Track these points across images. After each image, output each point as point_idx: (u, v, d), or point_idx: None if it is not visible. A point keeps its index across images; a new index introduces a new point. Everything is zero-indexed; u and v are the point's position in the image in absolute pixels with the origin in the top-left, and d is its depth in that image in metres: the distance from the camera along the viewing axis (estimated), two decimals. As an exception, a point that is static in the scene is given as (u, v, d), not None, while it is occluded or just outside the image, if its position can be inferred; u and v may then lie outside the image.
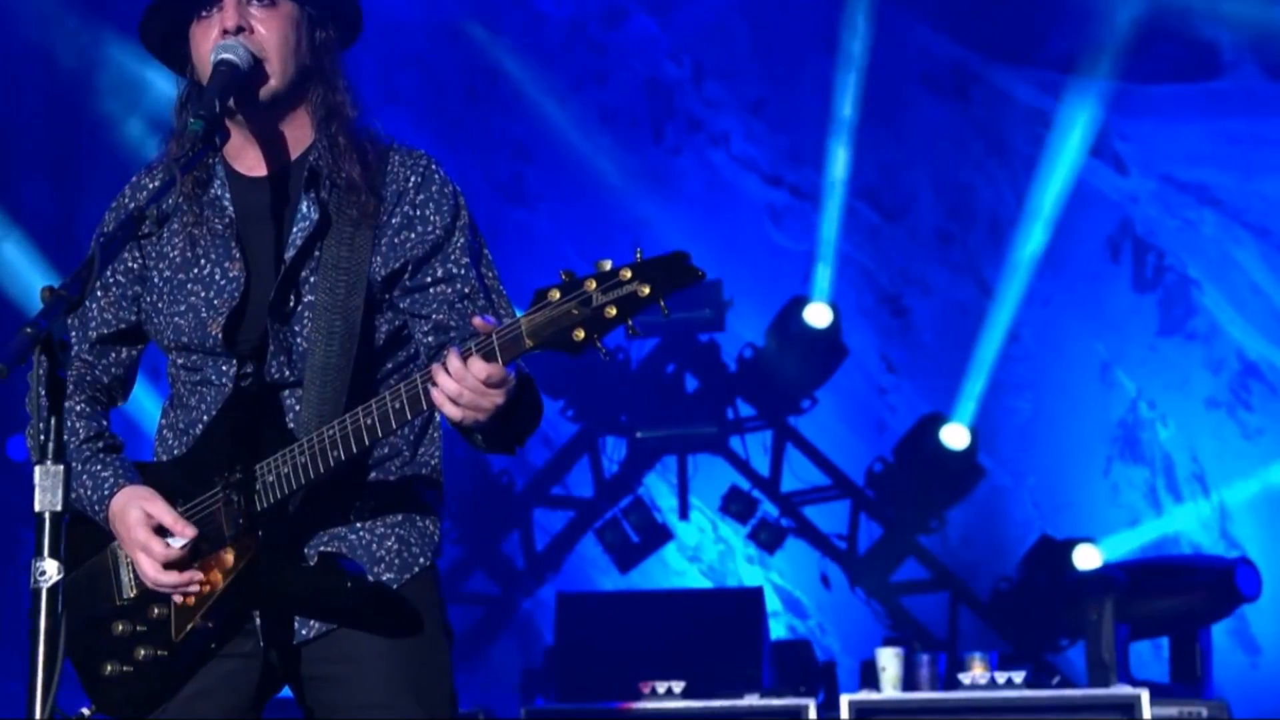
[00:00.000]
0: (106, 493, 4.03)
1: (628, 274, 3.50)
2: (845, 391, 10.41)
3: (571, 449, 10.46)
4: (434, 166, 4.10)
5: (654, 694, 7.68)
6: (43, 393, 3.38)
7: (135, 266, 4.16)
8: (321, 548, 4.01)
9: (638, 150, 10.94)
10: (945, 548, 10.31)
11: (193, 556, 3.93)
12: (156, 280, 4.12)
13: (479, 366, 3.63)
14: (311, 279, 4.00)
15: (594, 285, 3.52)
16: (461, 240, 4.06)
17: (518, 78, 11.01)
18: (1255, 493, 10.14)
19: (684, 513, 10.31)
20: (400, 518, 4.08)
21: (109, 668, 4.03)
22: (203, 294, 4.05)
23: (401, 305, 4.05)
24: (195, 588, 3.93)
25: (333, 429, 3.83)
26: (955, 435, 9.99)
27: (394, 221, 4.03)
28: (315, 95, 4.07)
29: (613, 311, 3.51)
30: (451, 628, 4.16)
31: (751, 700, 7.69)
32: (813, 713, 7.62)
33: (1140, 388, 10.44)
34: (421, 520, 4.12)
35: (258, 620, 4.01)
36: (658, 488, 10.51)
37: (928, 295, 10.69)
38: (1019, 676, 7.59)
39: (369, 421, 3.79)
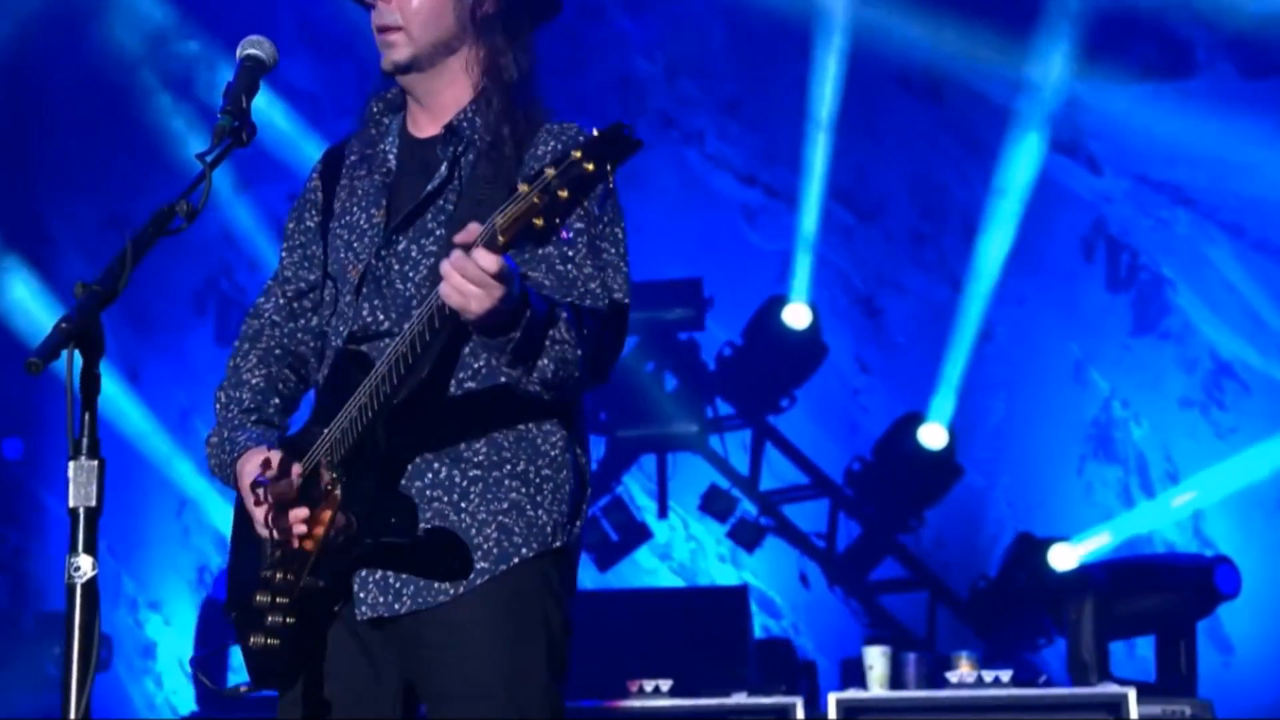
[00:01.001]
0: (235, 455, 4.07)
1: (578, 154, 3.50)
2: (820, 392, 10.41)
3: (551, 447, 10.40)
4: (582, 138, 4.09)
5: (642, 692, 7.66)
6: (76, 388, 3.38)
7: (313, 225, 4.27)
8: (424, 525, 3.99)
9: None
10: (922, 547, 10.32)
11: (296, 503, 3.93)
12: (311, 224, 4.27)
13: (483, 256, 3.57)
14: (438, 232, 4.04)
15: (553, 171, 3.51)
16: (584, 208, 4.05)
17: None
18: (1228, 492, 10.15)
19: (663, 511, 10.29)
20: (506, 505, 4.01)
21: (253, 639, 4.01)
22: (346, 237, 4.16)
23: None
24: (302, 528, 3.90)
25: (383, 363, 3.84)
26: (933, 435, 10.00)
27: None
28: (471, 58, 4.14)
29: (565, 193, 3.49)
30: (565, 623, 4.06)
31: (739, 699, 7.66)
32: (800, 711, 7.59)
33: (1114, 387, 10.46)
34: (533, 510, 4.03)
35: (356, 588, 4.00)
36: (637, 486, 10.49)
37: (902, 295, 10.70)
38: (1006, 675, 7.57)
39: (403, 349, 3.79)
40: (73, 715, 3.35)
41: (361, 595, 4.00)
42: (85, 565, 3.40)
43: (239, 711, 8.14)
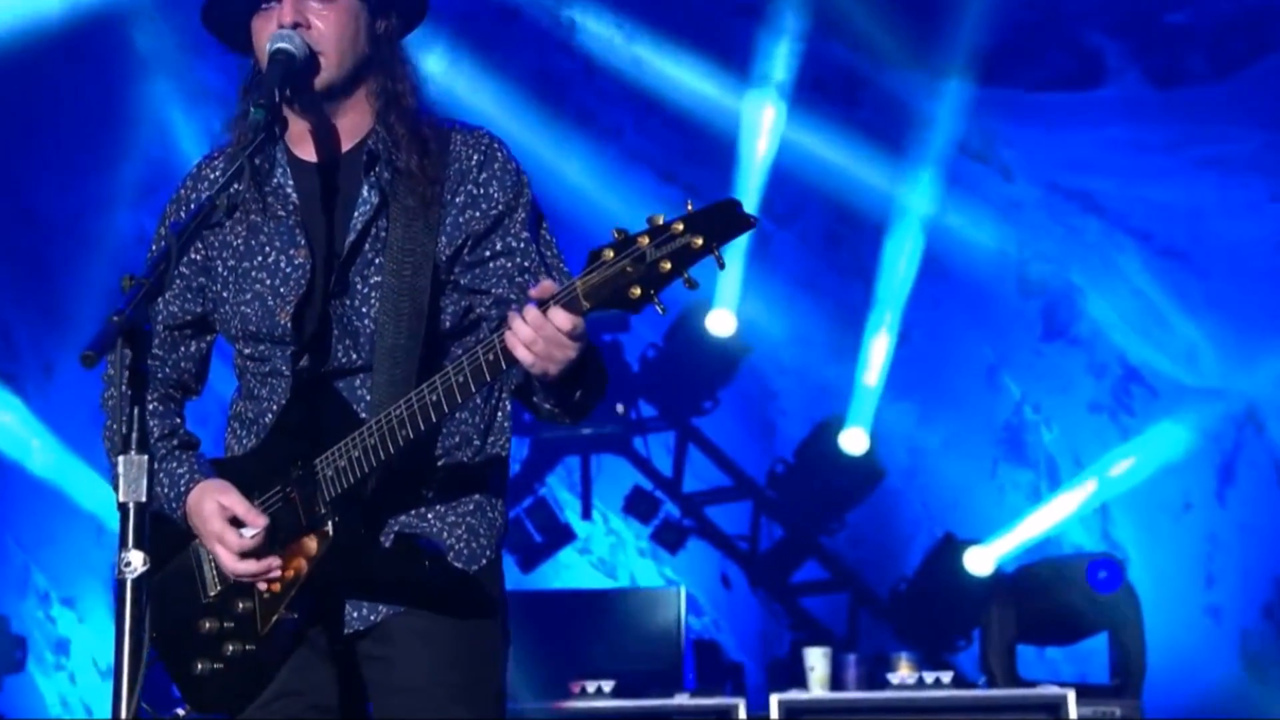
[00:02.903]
0: (183, 489, 4.02)
1: (680, 227, 3.50)
2: (739, 393, 10.43)
3: (475, 449, 10.34)
4: (496, 145, 4.11)
5: (584, 693, 7.67)
6: (125, 383, 3.35)
7: (198, 258, 4.15)
8: (396, 531, 4.00)
9: (529, 140, 10.84)
10: (841, 548, 10.37)
11: (271, 546, 3.91)
12: (221, 270, 4.11)
13: (561, 316, 3.61)
14: (377, 260, 3.99)
15: (647, 241, 3.51)
16: (523, 215, 4.08)
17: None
18: (1135, 494, 10.28)
19: (586, 512, 10.28)
20: (472, 506, 4.08)
21: (199, 666, 4.02)
22: (269, 282, 4.05)
23: (463, 282, 4.05)
24: (276, 573, 3.91)
25: (399, 409, 3.81)
26: (854, 440, 10.06)
27: (458, 200, 4.04)
28: (375, 84, 4.08)
29: (667, 266, 3.49)
30: (509, 630, 4.14)
31: (682, 700, 7.70)
32: (742, 712, 7.64)
33: (1025, 391, 10.56)
34: (491, 510, 4.11)
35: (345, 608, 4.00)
36: (561, 487, 10.46)
37: (818, 298, 10.73)
38: (947, 677, 7.67)
39: (434, 398, 3.77)
40: (123, 714, 3.32)
41: (347, 611, 4.02)
42: (136, 561, 3.36)
43: (166, 712, 8.05)
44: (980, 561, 9.64)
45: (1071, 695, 7.49)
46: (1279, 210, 10.28)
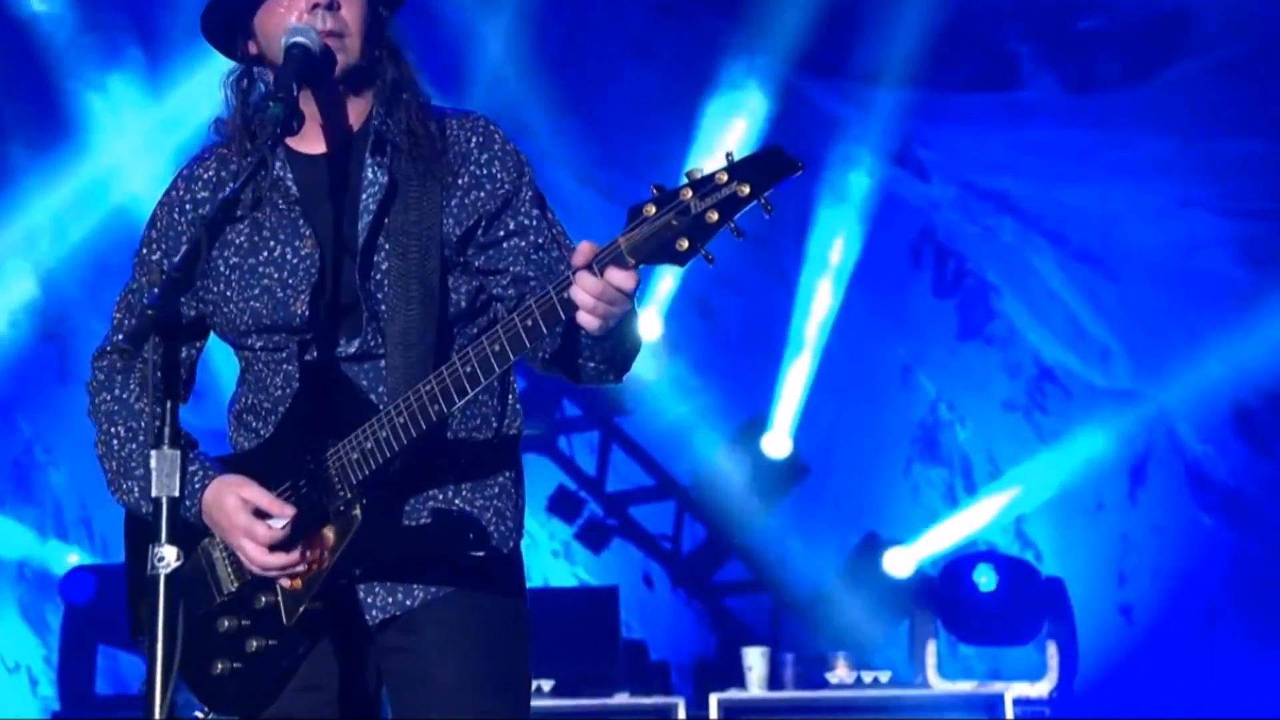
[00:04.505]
0: (196, 487, 3.94)
1: (724, 176, 3.47)
2: (663, 394, 10.43)
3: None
4: (492, 127, 4.10)
5: (524, 694, 7.63)
6: (159, 376, 3.33)
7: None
8: (431, 509, 3.96)
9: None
10: (762, 548, 10.39)
11: (295, 537, 3.85)
12: (222, 269, 4.05)
13: (619, 276, 3.57)
14: (386, 245, 3.96)
15: (690, 194, 3.48)
16: (529, 194, 4.06)
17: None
18: (1049, 494, 10.39)
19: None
20: (497, 489, 4.05)
21: (219, 666, 3.95)
22: (276, 275, 4.00)
23: (476, 264, 4.03)
24: (302, 567, 3.85)
25: (429, 384, 3.77)
26: (776, 444, 10.09)
27: (461, 182, 4.01)
28: (385, 68, 4.05)
29: (714, 216, 3.47)
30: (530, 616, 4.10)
31: (622, 699, 7.70)
32: (682, 711, 7.66)
33: (940, 390, 10.64)
34: (515, 492, 4.08)
35: (361, 594, 3.95)
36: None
37: (738, 297, 10.75)
38: (885, 676, 7.72)
39: (468, 369, 3.73)
40: (156, 712, 3.29)
41: (370, 600, 3.96)
42: (169, 556, 3.34)
43: (102, 712, 7.97)
44: (900, 563, 9.71)
45: (1009, 694, 7.56)
46: (1190, 215, 10.39)
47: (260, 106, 4.01)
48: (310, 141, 4.05)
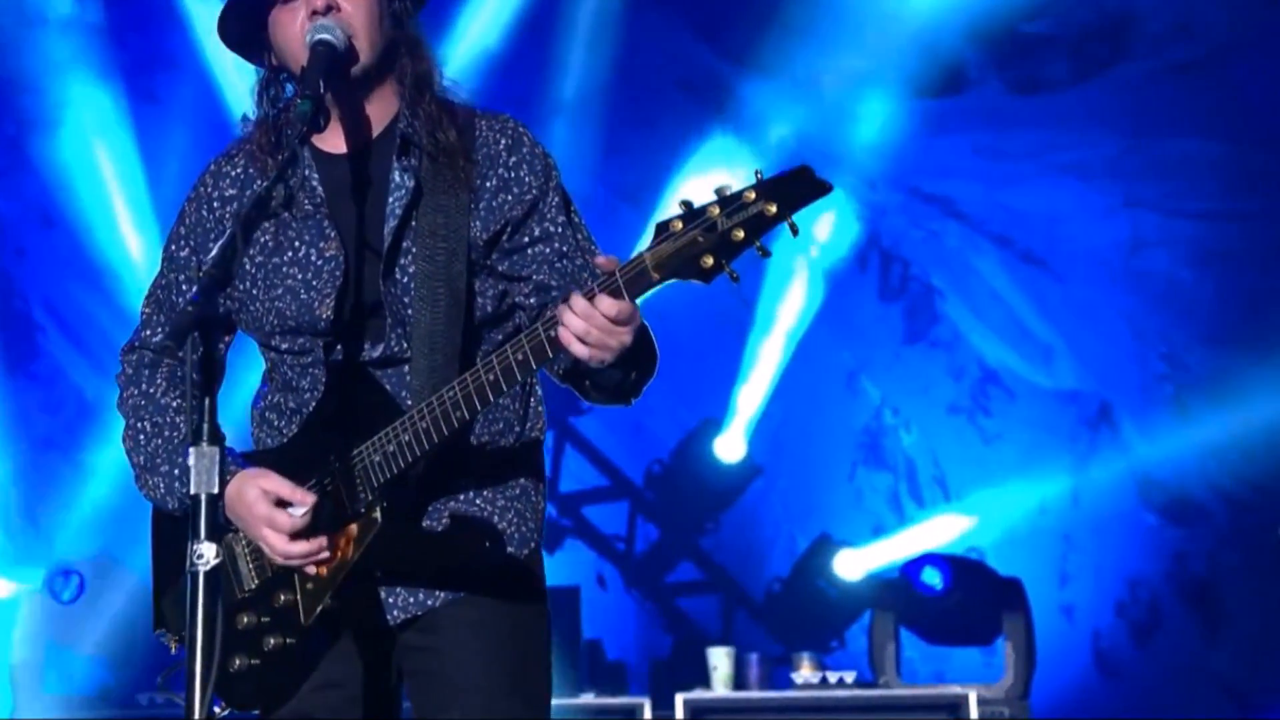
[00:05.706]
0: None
1: (752, 195, 3.48)
2: (609, 392, 10.38)
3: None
4: (522, 130, 4.08)
5: (488, 696, 7.59)
6: (196, 373, 3.32)
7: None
8: (450, 514, 3.95)
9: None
10: (715, 549, 10.39)
11: (316, 527, 3.84)
12: (248, 267, 4.03)
13: (607, 303, 3.58)
14: (412, 249, 3.94)
15: (718, 211, 3.49)
16: (556, 200, 4.05)
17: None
18: (993, 497, 10.42)
19: (463, 512, 10.19)
20: (518, 491, 4.05)
21: (237, 662, 3.94)
22: (300, 276, 3.98)
23: (500, 268, 4.01)
24: (325, 554, 3.83)
25: (453, 390, 3.75)
26: (729, 448, 10.08)
27: (489, 185, 3.99)
28: (402, 67, 4.03)
29: (740, 234, 3.47)
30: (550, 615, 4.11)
31: (588, 698, 7.67)
32: (648, 712, 7.64)
33: (885, 394, 10.65)
34: (535, 494, 4.08)
35: (382, 593, 3.94)
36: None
37: (686, 299, 10.70)
38: (850, 676, 7.72)
39: (491, 377, 3.70)
40: (196, 710, 3.28)
41: (391, 600, 3.96)
42: (208, 553, 3.33)
43: (56, 712, 7.88)
44: (851, 566, 9.71)
45: (973, 695, 7.58)
46: (1133, 215, 10.45)
47: (287, 105, 4.01)
48: (333, 140, 4.04)
